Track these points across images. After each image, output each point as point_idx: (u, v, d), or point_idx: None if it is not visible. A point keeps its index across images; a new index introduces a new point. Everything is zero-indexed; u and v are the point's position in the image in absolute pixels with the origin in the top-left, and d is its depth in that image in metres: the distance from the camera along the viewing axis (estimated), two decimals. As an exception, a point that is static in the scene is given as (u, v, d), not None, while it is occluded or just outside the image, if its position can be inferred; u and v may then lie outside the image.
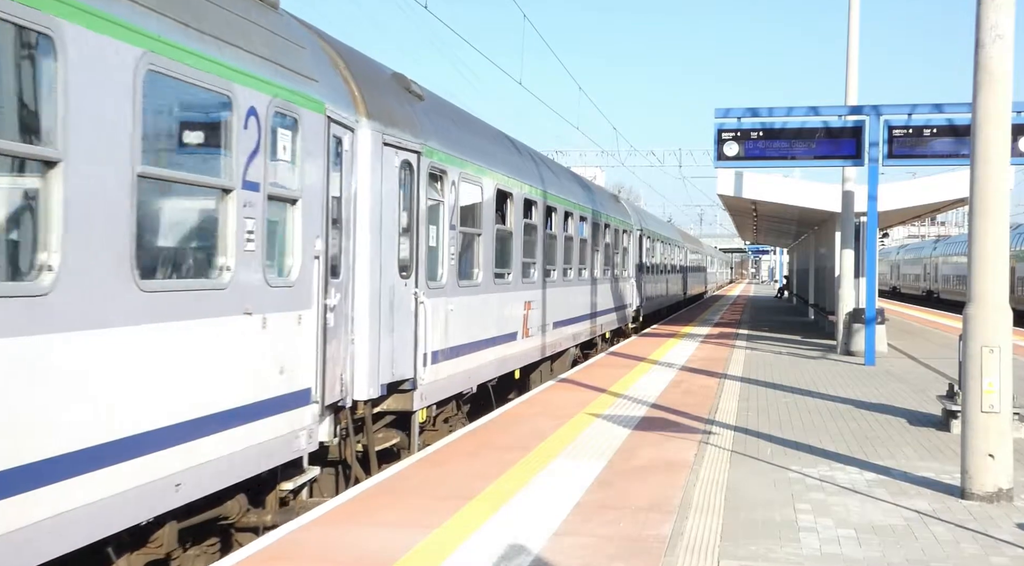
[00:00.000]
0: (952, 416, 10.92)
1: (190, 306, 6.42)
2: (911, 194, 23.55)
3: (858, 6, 21.12)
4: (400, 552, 6.38)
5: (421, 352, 10.46)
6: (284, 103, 7.60)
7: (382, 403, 10.13)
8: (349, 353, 9.11)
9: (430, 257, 11.05)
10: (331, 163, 8.55)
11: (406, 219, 10.29)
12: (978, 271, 8.03)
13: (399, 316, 10.00)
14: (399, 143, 9.96)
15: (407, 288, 10.26)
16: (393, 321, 9.83)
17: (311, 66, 8.36)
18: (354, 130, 9.15)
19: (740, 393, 14.41)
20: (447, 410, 12.10)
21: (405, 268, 10.22)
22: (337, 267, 8.83)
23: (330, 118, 8.47)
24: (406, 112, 10.56)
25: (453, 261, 11.72)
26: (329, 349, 8.55)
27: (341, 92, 9.00)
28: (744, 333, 27.34)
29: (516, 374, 15.15)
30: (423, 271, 10.66)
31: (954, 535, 6.97)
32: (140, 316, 5.90)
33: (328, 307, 8.51)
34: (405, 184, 10.24)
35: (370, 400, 9.54)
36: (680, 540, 6.71)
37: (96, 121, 5.47)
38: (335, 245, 8.78)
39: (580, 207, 20.19)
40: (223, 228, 6.83)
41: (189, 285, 6.51)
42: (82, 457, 5.41)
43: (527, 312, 15.47)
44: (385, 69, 11.17)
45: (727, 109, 19.33)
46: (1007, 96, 8.02)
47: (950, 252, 59.46)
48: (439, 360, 11.10)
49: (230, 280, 6.84)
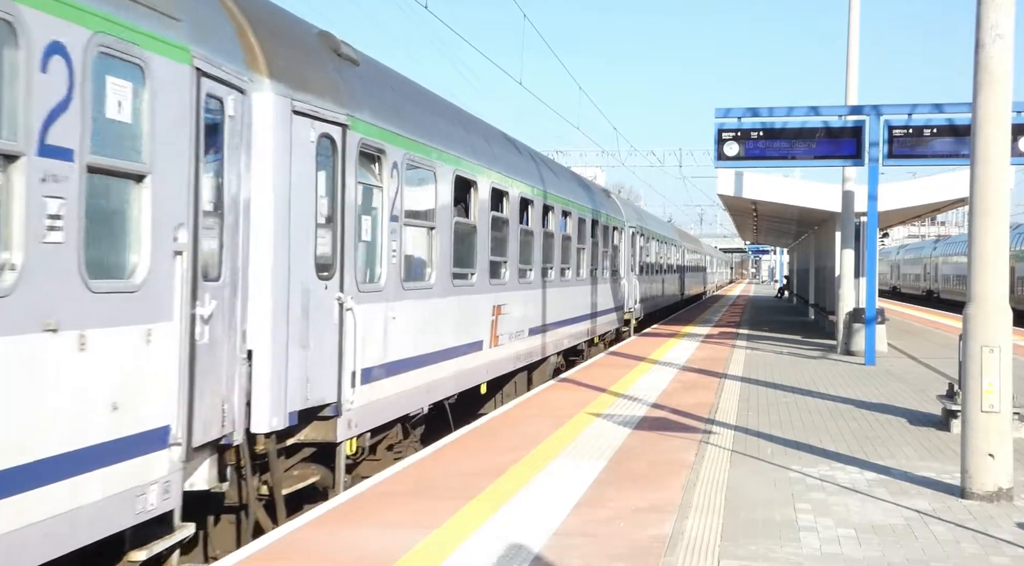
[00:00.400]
0: (952, 416, 10.92)
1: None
2: (911, 194, 23.56)
3: (858, 6, 21.12)
4: (400, 552, 6.38)
5: (349, 370, 8.58)
6: (118, 43, 5.74)
7: (297, 434, 8.34)
8: (240, 375, 7.27)
9: (364, 254, 9.27)
10: (203, 130, 6.71)
11: (327, 207, 8.48)
12: (978, 271, 8.04)
13: (317, 326, 8.16)
14: (315, 112, 8.13)
15: (328, 292, 8.39)
16: (308, 333, 8.02)
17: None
18: (245, 91, 7.29)
19: (740, 393, 14.41)
20: (392, 435, 10.28)
21: (326, 267, 8.39)
22: (214, 266, 7.00)
23: (201, 71, 6.63)
24: (329, 77, 8.71)
25: (396, 259, 9.87)
26: (200, 373, 6.66)
27: (224, 40, 7.14)
28: (744, 333, 27.33)
29: (483, 389, 13.35)
30: (352, 271, 8.78)
31: (954, 535, 6.97)
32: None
33: (200, 318, 6.64)
34: (326, 164, 8.42)
35: (274, 432, 7.68)
36: (680, 540, 6.71)
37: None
38: (213, 238, 6.97)
39: (564, 201, 18.45)
40: (2, 209, 5.02)
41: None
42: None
43: (496, 318, 13.68)
44: (310, 26, 9.32)
45: (727, 109, 19.33)
46: (1007, 96, 8.02)
47: (950, 252, 59.47)
48: (377, 378, 9.34)
49: (15, 283, 4.98)
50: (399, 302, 9.99)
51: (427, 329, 10.90)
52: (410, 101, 11.03)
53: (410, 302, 10.35)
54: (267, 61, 7.62)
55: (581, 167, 57.52)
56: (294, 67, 8.06)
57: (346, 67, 9.26)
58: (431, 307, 11.04)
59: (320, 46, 8.99)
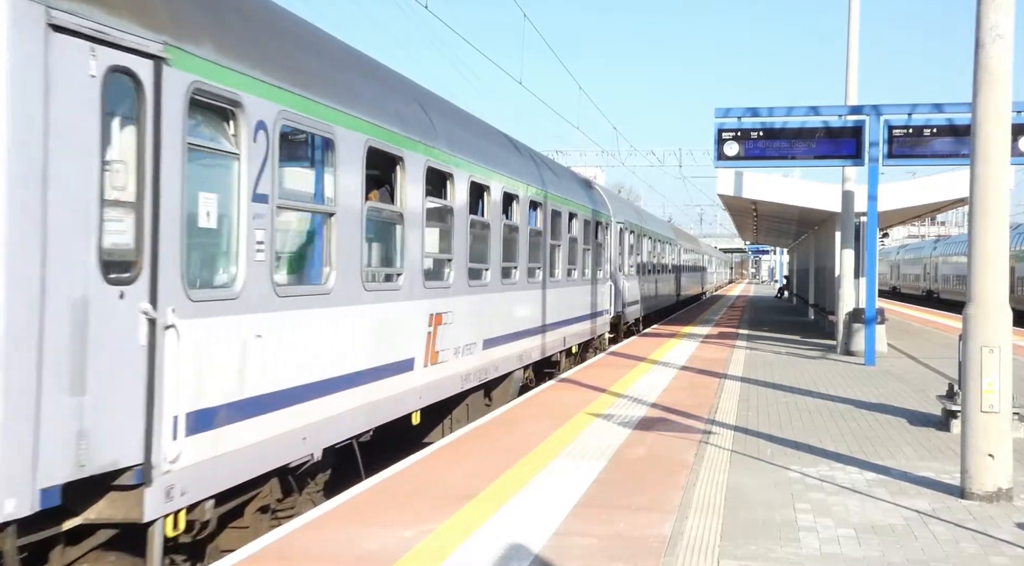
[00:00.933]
0: (952, 416, 10.92)
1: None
2: (911, 194, 23.56)
3: (858, 6, 21.13)
4: (400, 552, 6.38)
5: (169, 415, 6.11)
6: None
7: (85, 511, 5.93)
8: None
9: (202, 247, 6.82)
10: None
11: (127, 178, 5.95)
12: (978, 271, 8.04)
13: (103, 355, 5.68)
14: (99, 33, 5.59)
15: (126, 302, 5.86)
16: (84, 366, 5.55)
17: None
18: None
19: (740, 393, 14.41)
20: (265, 494, 7.73)
21: (122, 266, 5.89)
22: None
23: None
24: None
25: (264, 256, 7.25)
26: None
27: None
28: (744, 333, 27.34)
29: (415, 418, 10.67)
30: (177, 271, 6.25)
31: (954, 535, 6.97)
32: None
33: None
34: (124, 113, 5.96)
35: (12, 522, 5.23)
36: (680, 540, 6.71)
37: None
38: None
39: (529, 188, 15.51)
40: None
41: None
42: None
43: (435, 329, 11.08)
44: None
45: (727, 109, 19.33)
46: (1007, 96, 8.02)
47: (950, 252, 59.50)
48: (227, 421, 6.82)
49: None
50: (269, 314, 7.38)
51: (320, 349, 8.25)
52: (293, 39, 8.29)
53: (290, 314, 7.70)
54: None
55: (581, 167, 57.50)
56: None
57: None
58: (328, 319, 8.37)
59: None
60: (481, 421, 11.74)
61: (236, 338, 6.95)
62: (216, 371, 6.71)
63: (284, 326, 7.63)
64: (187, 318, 6.29)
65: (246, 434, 7.08)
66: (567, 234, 18.72)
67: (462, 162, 11.99)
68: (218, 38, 6.81)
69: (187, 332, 6.27)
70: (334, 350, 8.54)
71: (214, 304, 6.69)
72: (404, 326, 10.23)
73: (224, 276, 7.04)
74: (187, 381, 6.30)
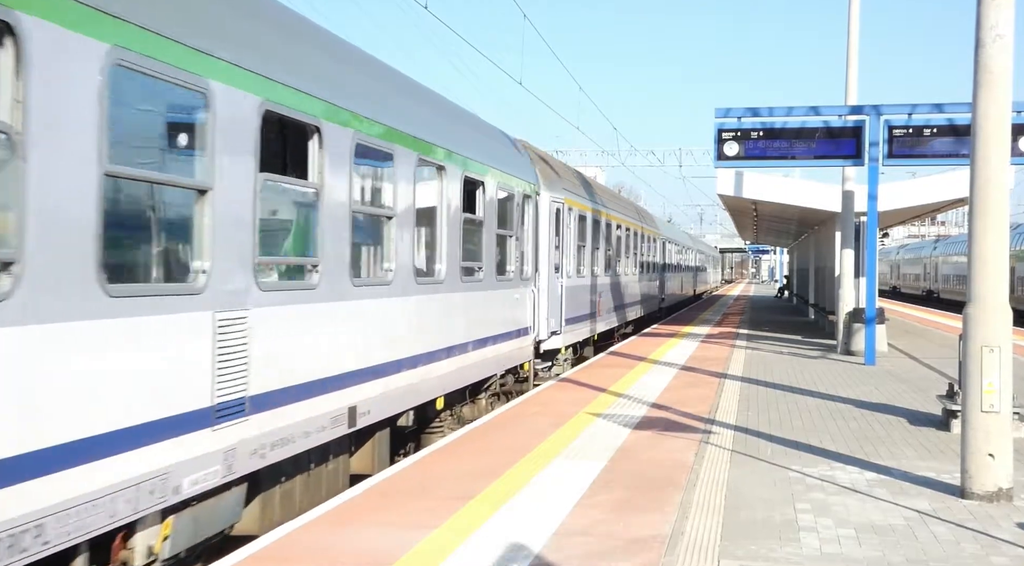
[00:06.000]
0: (952, 416, 10.92)
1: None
2: (911, 194, 23.57)
3: (858, 6, 21.13)
4: (400, 552, 6.38)
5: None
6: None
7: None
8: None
9: None
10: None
11: None
12: (978, 271, 8.03)
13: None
14: None
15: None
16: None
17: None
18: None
19: (740, 393, 14.41)
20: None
21: None
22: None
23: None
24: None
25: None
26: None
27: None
28: (744, 333, 27.34)
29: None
30: None
31: (954, 535, 6.97)
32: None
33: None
34: None
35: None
36: (680, 540, 6.71)
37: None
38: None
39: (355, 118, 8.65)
40: None
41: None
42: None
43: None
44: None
45: (727, 109, 19.33)
46: (1007, 96, 8.02)
47: (950, 252, 59.50)
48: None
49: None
50: None
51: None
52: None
53: None
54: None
55: (581, 167, 57.46)
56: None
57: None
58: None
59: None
60: (481, 421, 11.75)
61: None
62: None
63: None
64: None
65: None
66: (468, 214, 12.19)
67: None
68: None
69: None
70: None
71: None
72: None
73: None
74: None
